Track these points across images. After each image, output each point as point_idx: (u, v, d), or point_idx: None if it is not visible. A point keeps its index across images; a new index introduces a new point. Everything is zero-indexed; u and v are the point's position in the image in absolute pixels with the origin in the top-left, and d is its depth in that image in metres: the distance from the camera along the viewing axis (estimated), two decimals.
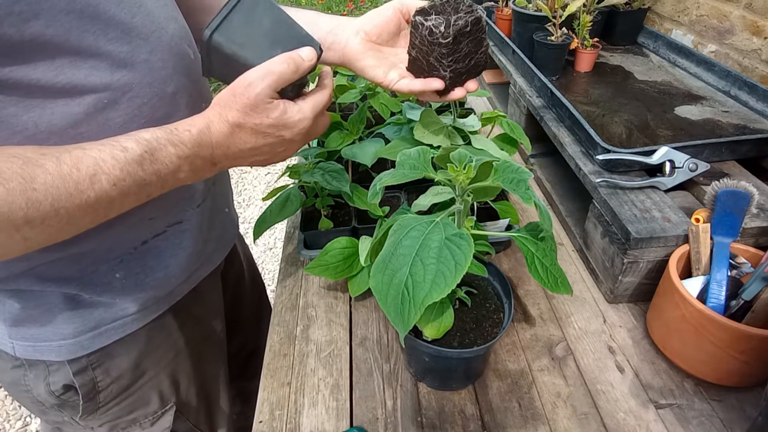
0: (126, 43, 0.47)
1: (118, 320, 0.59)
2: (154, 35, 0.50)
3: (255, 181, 2.91)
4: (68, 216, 0.39)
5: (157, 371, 0.67)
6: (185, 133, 0.46)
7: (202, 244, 0.66)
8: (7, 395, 1.74)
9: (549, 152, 1.05)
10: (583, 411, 0.60)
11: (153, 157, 0.43)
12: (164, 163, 0.44)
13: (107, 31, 0.45)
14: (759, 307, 0.59)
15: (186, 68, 0.55)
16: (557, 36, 1.05)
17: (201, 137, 0.47)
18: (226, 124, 0.48)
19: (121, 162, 0.41)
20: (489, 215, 0.80)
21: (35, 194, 0.36)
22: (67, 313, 0.56)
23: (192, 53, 0.57)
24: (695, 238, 0.65)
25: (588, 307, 0.74)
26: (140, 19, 0.49)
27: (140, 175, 0.43)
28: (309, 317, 0.75)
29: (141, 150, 0.43)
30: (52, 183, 0.37)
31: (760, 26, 0.96)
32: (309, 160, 0.78)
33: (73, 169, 0.39)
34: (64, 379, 0.60)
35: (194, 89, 0.57)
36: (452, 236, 0.46)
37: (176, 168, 0.45)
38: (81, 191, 0.39)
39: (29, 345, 0.57)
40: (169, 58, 0.52)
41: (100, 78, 0.46)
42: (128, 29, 0.47)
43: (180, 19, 0.57)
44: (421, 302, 0.44)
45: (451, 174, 0.50)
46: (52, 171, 0.38)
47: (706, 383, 0.62)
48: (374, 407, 0.62)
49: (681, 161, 0.74)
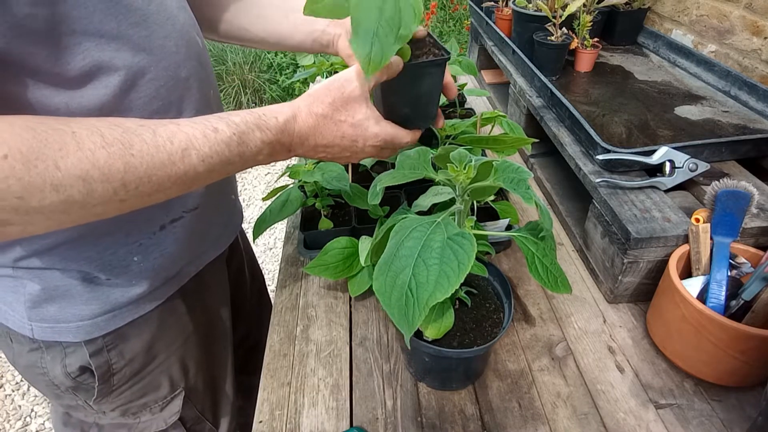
0: (144, 28, 0.50)
1: (132, 302, 0.61)
2: (168, 22, 0.53)
3: (255, 181, 2.91)
4: (159, 183, 0.42)
5: (168, 355, 0.69)
6: (272, 119, 0.49)
7: (208, 227, 0.68)
8: (7, 395, 1.74)
9: (549, 152, 1.05)
10: (583, 411, 0.60)
11: (240, 139, 0.46)
12: (249, 146, 0.47)
13: (128, 15, 0.48)
14: (759, 307, 0.59)
15: (197, 54, 0.58)
16: (557, 36, 1.05)
17: (286, 126, 0.50)
18: (313, 116, 0.52)
19: (211, 141, 0.44)
20: (489, 215, 0.80)
21: (133, 159, 0.39)
22: (85, 294, 0.58)
23: (200, 41, 0.61)
24: (695, 238, 0.65)
25: (588, 307, 0.74)
26: (155, 6, 0.51)
27: (226, 155, 0.46)
28: (309, 317, 0.75)
29: (230, 132, 0.46)
30: (147, 151, 0.40)
31: (760, 26, 0.96)
32: (309, 160, 0.78)
33: (167, 142, 0.42)
34: (81, 361, 0.61)
35: (204, 74, 0.60)
36: (454, 236, 0.46)
37: (258, 151, 0.49)
38: (173, 162, 0.42)
39: (48, 326, 0.58)
40: (181, 44, 0.55)
41: (123, 60, 0.48)
42: (145, 15, 0.50)
43: (188, 9, 0.60)
44: (425, 303, 0.44)
45: (451, 174, 0.50)
46: (148, 141, 0.41)
47: (706, 383, 0.62)
48: (374, 407, 0.62)
49: (681, 161, 0.74)
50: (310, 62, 0.98)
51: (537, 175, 1.04)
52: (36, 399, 1.73)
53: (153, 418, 0.71)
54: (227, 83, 3.57)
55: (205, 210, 0.65)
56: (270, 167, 3.01)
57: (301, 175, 0.74)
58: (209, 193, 0.65)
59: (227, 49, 3.51)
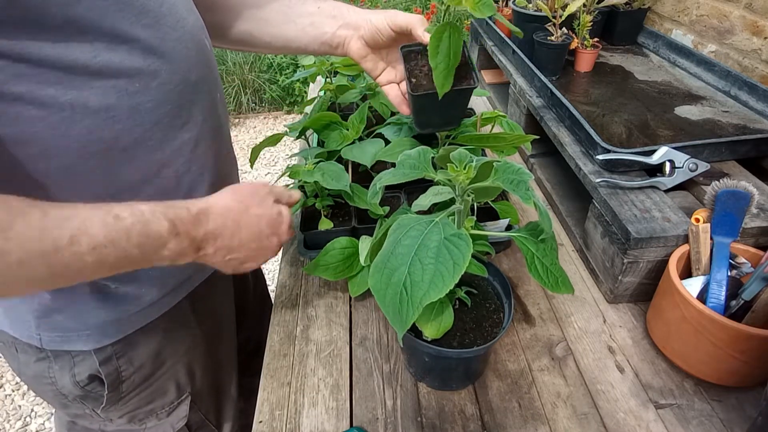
0: (156, 30, 0.49)
1: (141, 309, 0.61)
2: (179, 25, 0.53)
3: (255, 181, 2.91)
4: (32, 273, 0.38)
5: (175, 360, 0.68)
6: (183, 210, 0.48)
7: None
8: (7, 395, 1.74)
9: (549, 152, 1.05)
10: (583, 411, 0.60)
11: (143, 229, 0.44)
12: (151, 238, 0.45)
13: (140, 17, 0.47)
14: (759, 307, 0.59)
15: (205, 58, 0.58)
16: (557, 36, 1.05)
17: (198, 217, 0.50)
18: (224, 207, 0.53)
19: (109, 228, 0.42)
20: (489, 215, 0.80)
21: (6, 244, 0.36)
22: (94, 302, 0.57)
23: (209, 44, 0.60)
24: (695, 238, 0.65)
25: (588, 307, 0.74)
26: (167, 8, 0.51)
27: (123, 246, 0.42)
28: (309, 317, 0.75)
29: (133, 220, 0.43)
30: (28, 236, 0.37)
31: (760, 26, 0.96)
32: (309, 160, 0.78)
33: (55, 227, 0.38)
34: (90, 369, 0.61)
35: (211, 78, 0.60)
36: (451, 236, 0.46)
37: (162, 244, 0.46)
38: (57, 249, 0.38)
39: (57, 335, 0.58)
40: (192, 47, 0.55)
41: (133, 62, 0.48)
42: (157, 17, 0.49)
43: (196, 12, 0.59)
44: (419, 302, 0.44)
45: (451, 174, 0.50)
46: (34, 224, 0.38)
47: (706, 383, 0.62)
48: (374, 407, 0.62)
49: (681, 161, 0.74)
50: (311, 62, 0.98)
51: (537, 176, 1.04)
52: (36, 399, 1.72)
53: (159, 423, 0.71)
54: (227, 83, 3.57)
55: None
56: (270, 167, 3.01)
57: (301, 175, 0.74)
58: None
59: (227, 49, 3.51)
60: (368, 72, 0.71)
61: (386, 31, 0.65)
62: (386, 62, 0.70)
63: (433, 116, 0.68)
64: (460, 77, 0.64)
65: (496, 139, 0.72)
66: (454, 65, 0.60)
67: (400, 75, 0.70)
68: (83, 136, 0.46)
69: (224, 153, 0.66)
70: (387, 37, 0.66)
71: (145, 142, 0.51)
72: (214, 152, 0.62)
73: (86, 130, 0.46)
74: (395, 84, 0.71)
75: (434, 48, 0.58)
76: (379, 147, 0.77)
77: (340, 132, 0.85)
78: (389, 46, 0.69)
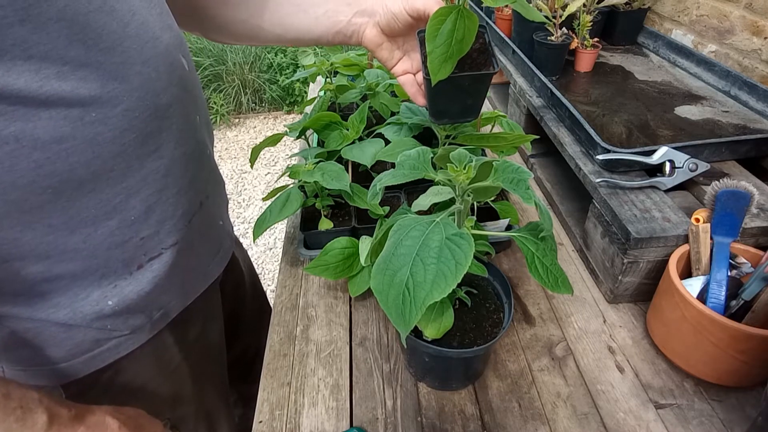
0: (118, 54, 0.45)
1: (112, 341, 0.57)
2: (148, 45, 0.48)
3: (255, 181, 2.91)
4: None
5: (154, 388, 0.65)
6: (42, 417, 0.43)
7: (195, 260, 0.64)
8: None
9: (549, 152, 1.05)
10: (583, 411, 0.60)
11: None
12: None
13: (99, 41, 0.43)
14: (759, 307, 0.59)
15: (180, 79, 0.54)
16: (557, 36, 1.05)
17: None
18: None
19: None
20: (489, 215, 0.80)
21: None
22: (60, 336, 0.53)
23: (186, 63, 0.56)
24: (695, 238, 0.65)
25: (588, 307, 0.74)
26: (134, 28, 0.47)
27: None
28: (309, 317, 0.75)
29: None
30: None
31: (760, 26, 0.96)
32: (309, 160, 0.78)
33: None
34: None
35: (188, 100, 0.56)
36: (452, 236, 0.46)
37: None
38: None
39: (20, 369, 0.54)
40: (163, 69, 0.51)
41: (89, 90, 0.43)
42: (121, 39, 0.45)
43: (175, 27, 0.55)
44: (422, 302, 0.44)
45: (451, 174, 0.50)
46: None
47: (706, 383, 0.62)
48: (374, 407, 0.62)
49: (681, 161, 0.74)
50: (311, 62, 0.98)
51: (537, 175, 1.04)
52: None
53: None
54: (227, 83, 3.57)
55: (188, 243, 0.60)
56: (270, 167, 3.01)
57: (301, 175, 0.74)
58: (191, 223, 0.60)
59: (227, 49, 3.51)
60: (382, 62, 0.67)
61: (403, 16, 0.61)
62: (402, 51, 0.67)
63: (450, 105, 0.64)
64: (478, 64, 0.60)
65: (496, 139, 0.71)
66: (456, 53, 0.54)
67: (417, 65, 0.67)
68: (32, 171, 0.42)
69: (204, 176, 0.62)
70: (404, 23, 0.62)
71: (105, 174, 0.47)
72: (190, 178, 0.58)
73: (35, 164, 0.42)
74: (411, 74, 0.67)
75: (433, 30, 0.53)
76: (379, 147, 0.77)
77: (340, 132, 0.85)
78: (406, 33, 0.65)
